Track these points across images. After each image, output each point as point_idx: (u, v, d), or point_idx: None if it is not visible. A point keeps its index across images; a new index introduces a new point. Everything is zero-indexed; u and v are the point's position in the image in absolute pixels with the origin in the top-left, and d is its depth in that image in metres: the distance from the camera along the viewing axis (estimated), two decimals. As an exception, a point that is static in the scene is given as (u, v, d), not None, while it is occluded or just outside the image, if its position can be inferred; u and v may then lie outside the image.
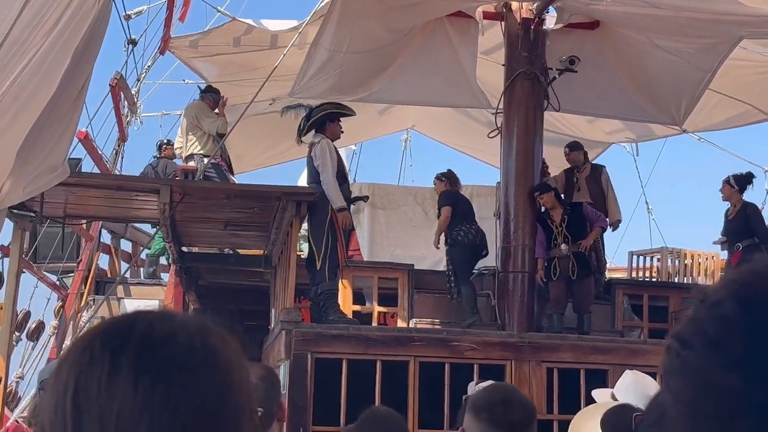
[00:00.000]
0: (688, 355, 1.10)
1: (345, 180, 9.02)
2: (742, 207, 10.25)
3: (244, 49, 11.70)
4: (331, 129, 8.96)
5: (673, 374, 1.16)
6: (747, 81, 11.98)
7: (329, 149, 8.66)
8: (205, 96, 11.22)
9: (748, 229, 10.05)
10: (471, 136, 14.63)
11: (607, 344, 8.39)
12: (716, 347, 1.07)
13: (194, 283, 11.27)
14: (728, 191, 10.30)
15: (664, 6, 8.99)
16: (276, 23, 11.78)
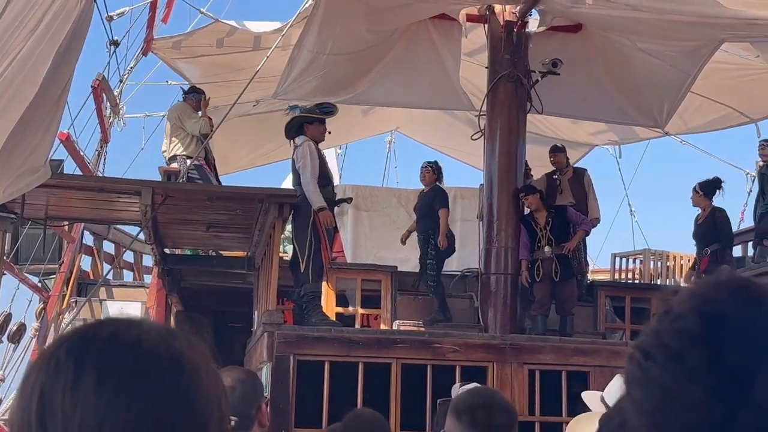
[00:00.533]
0: (651, 367, 1.14)
1: (328, 182, 9.01)
2: (711, 212, 10.34)
3: (228, 51, 11.68)
4: (311, 131, 8.97)
5: (635, 384, 1.17)
6: (728, 84, 12.06)
7: (310, 151, 8.68)
8: (188, 97, 11.18)
9: (715, 233, 10.14)
10: (454, 138, 14.65)
11: (589, 346, 8.43)
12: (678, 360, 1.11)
13: (177, 285, 11.24)
14: (696, 198, 10.45)
15: (647, 9, 9.03)
16: (259, 24, 11.77)
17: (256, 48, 11.62)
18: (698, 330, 1.11)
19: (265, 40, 11.53)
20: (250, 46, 11.63)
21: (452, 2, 10.38)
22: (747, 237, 11.91)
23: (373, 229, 13.97)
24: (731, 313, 1.12)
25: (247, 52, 11.67)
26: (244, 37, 11.61)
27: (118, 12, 9.42)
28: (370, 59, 10.93)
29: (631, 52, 10.66)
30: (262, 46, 11.58)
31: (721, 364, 1.10)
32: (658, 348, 1.14)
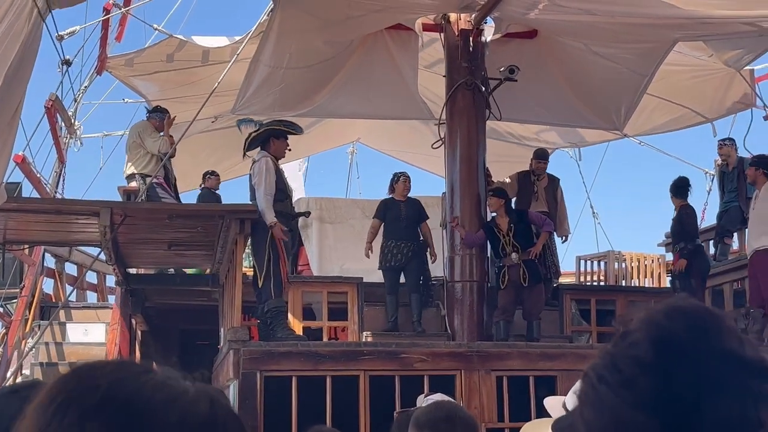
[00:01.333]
0: (603, 390, 1.17)
1: (286, 196, 8.91)
2: (680, 209, 10.50)
3: (178, 66, 11.59)
4: (275, 146, 8.87)
5: (587, 405, 1.19)
6: (683, 85, 12.19)
7: (266, 167, 8.57)
8: (151, 116, 11.08)
9: (685, 230, 10.29)
10: (416, 147, 14.66)
11: (555, 351, 8.44)
12: (629, 386, 1.14)
13: (141, 305, 11.12)
14: (672, 200, 10.62)
15: (600, 13, 9.10)
16: (208, 39, 11.69)
17: (205, 62, 11.54)
18: (650, 358, 1.15)
19: (214, 55, 11.48)
20: (199, 60, 11.55)
21: (407, 12, 10.39)
22: (708, 236, 12.02)
23: (338, 240, 13.91)
24: (683, 343, 1.15)
25: (197, 67, 11.60)
26: (194, 52, 11.53)
27: (69, 31, 9.31)
28: (328, 71, 10.91)
29: (586, 56, 10.74)
30: (211, 60, 11.52)
31: (671, 393, 1.12)
32: (611, 372, 1.17)
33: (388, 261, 10.46)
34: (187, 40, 11.38)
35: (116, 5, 10.56)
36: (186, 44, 11.35)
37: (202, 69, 11.60)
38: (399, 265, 10.42)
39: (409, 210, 10.71)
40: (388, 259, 10.46)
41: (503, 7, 9.64)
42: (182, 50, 11.38)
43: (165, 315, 11.83)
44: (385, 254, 10.51)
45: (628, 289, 12.20)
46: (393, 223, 10.66)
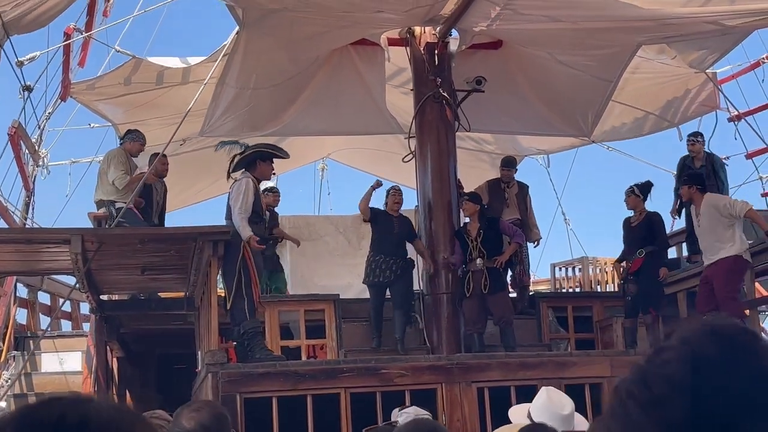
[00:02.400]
0: (631, 406, 1.15)
1: (260, 219, 8.81)
2: (646, 215, 10.38)
3: (135, 89, 11.50)
4: (261, 169, 8.78)
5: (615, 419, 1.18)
6: (649, 91, 12.31)
7: (246, 187, 8.48)
8: (124, 140, 10.94)
9: (651, 236, 10.22)
10: (387, 161, 14.67)
11: (535, 359, 8.44)
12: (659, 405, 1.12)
13: (116, 331, 11.00)
14: (634, 201, 10.38)
15: (562, 18, 9.16)
16: (162, 60, 11.61)
17: (159, 84, 11.46)
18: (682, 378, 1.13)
19: (168, 76, 11.40)
20: (153, 81, 11.47)
21: (372, 27, 10.42)
22: (680, 238, 12.06)
23: (313, 258, 13.87)
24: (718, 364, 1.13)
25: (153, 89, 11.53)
26: (148, 74, 11.44)
27: (29, 57, 9.18)
28: (295, 89, 10.91)
29: (551, 64, 10.82)
30: (165, 82, 11.44)
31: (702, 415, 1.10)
32: (641, 389, 1.16)
33: (376, 276, 10.13)
34: (142, 59, 11.30)
35: (77, 30, 10.46)
36: (141, 64, 11.26)
37: (157, 90, 11.52)
38: (386, 282, 10.11)
39: (402, 226, 10.41)
40: (377, 274, 10.12)
41: (466, 18, 9.69)
42: (138, 72, 11.29)
43: (141, 340, 11.71)
44: (372, 269, 10.17)
45: (605, 295, 12.25)
46: (383, 237, 10.31)
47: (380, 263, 10.15)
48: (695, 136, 11.54)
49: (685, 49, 11.21)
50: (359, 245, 14.04)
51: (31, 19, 7.57)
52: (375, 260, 10.20)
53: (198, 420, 2.89)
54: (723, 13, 8.47)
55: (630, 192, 10.38)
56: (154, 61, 11.41)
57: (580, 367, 8.28)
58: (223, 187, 14.48)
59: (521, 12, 9.01)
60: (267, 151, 8.92)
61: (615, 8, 8.51)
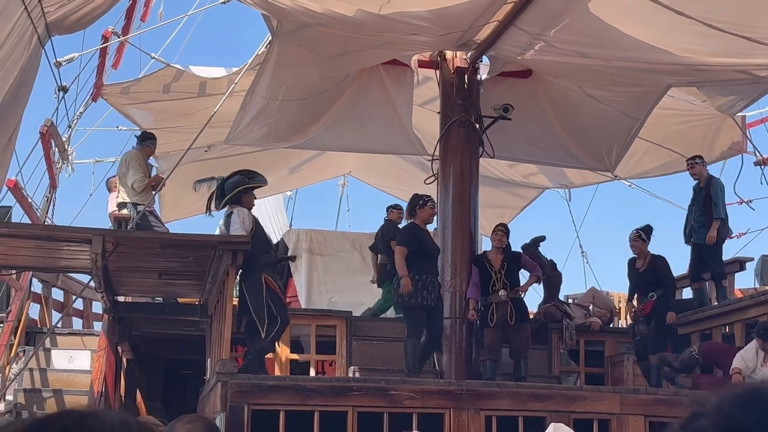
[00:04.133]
0: None
1: (270, 247, 8.95)
2: (652, 259, 10.44)
3: (174, 96, 11.62)
4: (246, 200, 8.98)
5: None
6: (675, 130, 12.29)
7: (246, 216, 8.74)
8: (143, 144, 11.05)
9: (658, 280, 10.28)
10: (408, 182, 14.68)
11: (545, 391, 8.40)
12: None
13: (127, 333, 11.04)
14: (641, 245, 10.50)
15: (594, 56, 9.18)
16: (206, 70, 11.73)
17: (201, 93, 11.57)
18: None
19: (211, 86, 11.50)
20: (195, 91, 11.58)
21: (404, 49, 10.46)
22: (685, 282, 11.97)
23: (327, 273, 13.88)
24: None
25: (193, 97, 11.62)
26: (190, 83, 11.56)
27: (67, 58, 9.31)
28: (323, 104, 10.96)
29: (579, 97, 10.83)
30: (207, 92, 11.55)
31: None
32: None
33: (423, 298, 9.34)
34: (185, 69, 11.41)
35: (115, 33, 10.59)
36: (183, 74, 11.38)
37: (198, 100, 11.61)
38: (431, 305, 9.43)
39: (435, 241, 10.01)
40: (424, 296, 9.34)
41: (499, 46, 9.71)
42: (179, 80, 11.41)
43: (151, 344, 11.75)
44: (419, 289, 9.33)
45: (617, 331, 12.19)
46: (426, 255, 9.58)
47: (427, 284, 9.42)
48: (694, 159, 11.45)
49: (715, 93, 11.21)
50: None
51: (74, 20, 7.66)
52: (422, 280, 9.38)
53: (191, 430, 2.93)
54: (753, 64, 8.48)
55: (637, 236, 10.48)
56: (196, 72, 11.52)
57: (590, 402, 8.24)
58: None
59: (553, 44, 9.03)
60: (249, 186, 9.02)
61: (646, 51, 8.52)
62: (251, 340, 8.66)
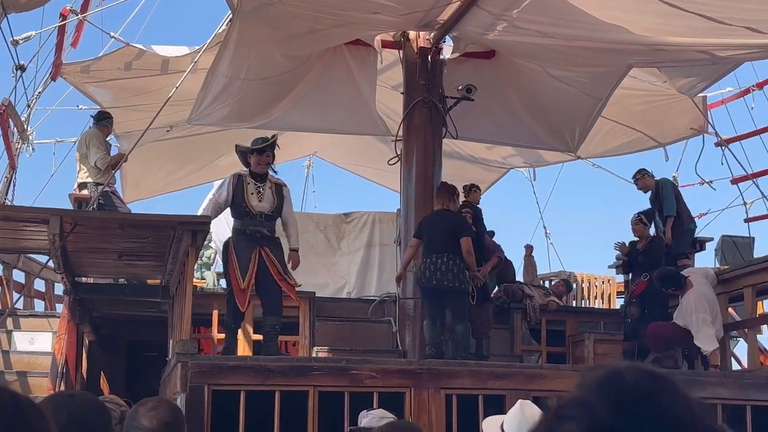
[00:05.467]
0: None
1: (246, 214, 8.67)
2: (651, 240, 10.55)
3: (136, 74, 11.50)
4: (252, 163, 8.75)
5: None
6: (637, 109, 12.36)
7: (222, 184, 8.69)
8: (99, 123, 10.94)
9: (653, 260, 10.35)
10: (373, 162, 14.69)
11: (505, 370, 8.44)
12: None
13: (89, 314, 10.95)
14: (642, 229, 10.61)
15: (556, 36, 9.20)
16: (168, 48, 11.61)
17: (164, 71, 11.46)
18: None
19: (174, 64, 11.39)
20: (158, 69, 11.46)
21: (367, 29, 10.42)
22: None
23: (291, 254, 13.83)
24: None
25: (155, 75, 11.50)
26: (153, 61, 11.44)
27: (24, 36, 9.17)
28: (286, 84, 10.89)
29: (542, 78, 10.85)
30: (170, 69, 11.44)
31: None
32: None
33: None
34: (147, 49, 11.29)
35: (73, 11, 10.44)
36: (145, 53, 11.26)
37: (160, 78, 11.50)
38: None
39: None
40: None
41: (462, 26, 9.70)
42: (141, 59, 11.28)
43: (113, 325, 11.66)
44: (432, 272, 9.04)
45: (579, 310, 12.30)
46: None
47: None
48: (634, 176, 11.62)
49: (675, 74, 11.28)
50: (338, 245, 14.05)
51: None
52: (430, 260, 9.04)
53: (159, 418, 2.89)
54: (714, 44, 8.53)
55: (638, 221, 10.60)
56: (158, 51, 11.39)
57: (550, 380, 8.29)
58: (206, 175, 14.50)
59: (516, 25, 9.04)
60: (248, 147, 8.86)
61: (608, 31, 8.55)
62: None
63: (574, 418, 1.16)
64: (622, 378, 1.17)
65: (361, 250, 13.93)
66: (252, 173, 8.72)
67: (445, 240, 8.93)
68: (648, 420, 1.13)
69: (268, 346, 8.67)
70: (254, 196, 8.66)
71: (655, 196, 11.41)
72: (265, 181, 8.75)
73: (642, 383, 1.17)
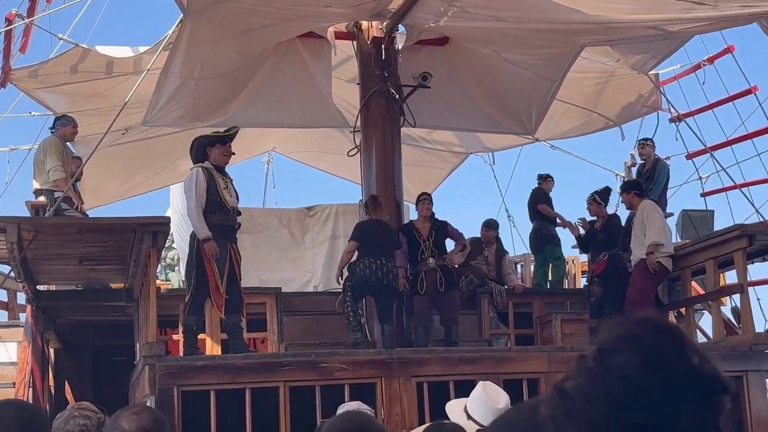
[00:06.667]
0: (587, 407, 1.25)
1: (220, 208, 8.49)
2: (608, 219, 10.68)
3: (83, 78, 11.30)
4: (213, 155, 8.60)
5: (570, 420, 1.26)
6: (591, 90, 12.46)
7: (196, 178, 8.31)
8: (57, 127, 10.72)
9: (611, 238, 10.47)
10: (332, 155, 14.65)
11: (474, 354, 8.49)
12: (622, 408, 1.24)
13: (53, 321, 10.83)
14: (596, 208, 10.74)
15: (508, 19, 9.23)
16: (111, 49, 11.42)
17: (108, 74, 11.29)
18: (640, 378, 1.27)
19: (118, 65, 11.25)
20: (102, 71, 11.29)
21: (318, 21, 10.38)
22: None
23: (255, 250, 13.75)
24: (669, 361, 1.28)
25: (101, 78, 11.34)
26: (97, 63, 11.24)
27: (-32, 43, 9.00)
28: (240, 80, 10.83)
29: (496, 62, 10.89)
30: (114, 71, 11.29)
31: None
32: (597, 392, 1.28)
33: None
34: (90, 49, 11.11)
35: (19, 16, 10.28)
36: (89, 54, 11.07)
37: (107, 81, 11.36)
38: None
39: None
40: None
41: (413, 14, 9.70)
42: (86, 60, 11.10)
43: (78, 331, 11.55)
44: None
45: (545, 291, 12.37)
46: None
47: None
48: (646, 141, 11.87)
49: (628, 52, 11.37)
50: (302, 239, 14.01)
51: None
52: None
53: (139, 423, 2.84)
54: (664, 19, 8.61)
55: (592, 200, 10.73)
56: (102, 51, 11.21)
57: (518, 363, 8.36)
58: (165, 178, 14.37)
59: (467, 10, 9.05)
60: (209, 135, 8.79)
61: (558, 12, 8.60)
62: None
63: (625, 351, 1.28)
64: (655, 319, 1.34)
65: (326, 243, 13.90)
66: (216, 167, 8.58)
67: (386, 246, 9.66)
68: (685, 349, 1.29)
69: (235, 343, 8.61)
70: (226, 191, 8.57)
71: (650, 172, 11.61)
72: (226, 175, 8.68)
73: (669, 325, 1.35)
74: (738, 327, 10.56)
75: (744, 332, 9.46)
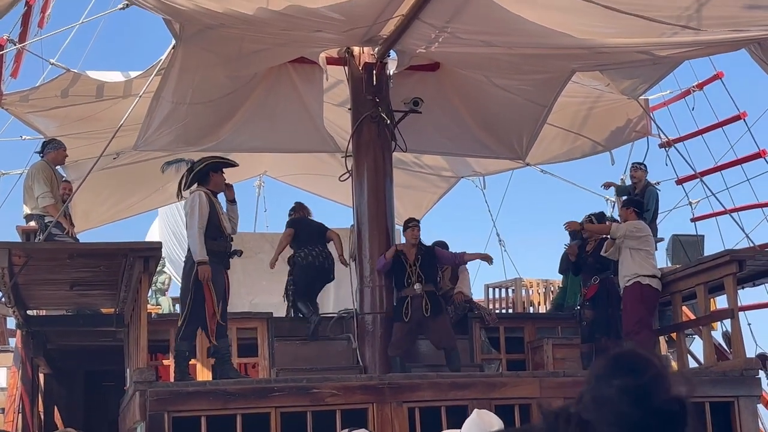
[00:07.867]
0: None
1: (219, 235, 8.64)
2: (599, 242, 10.63)
3: (74, 101, 11.34)
4: (214, 180, 8.72)
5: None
6: (582, 115, 12.53)
7: (199, 202, 8.44)
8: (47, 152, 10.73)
9: (605, 262, 10.43)
10: (324, 179, 14.66)
11: (465, 380, 8.47)
12: None
13: (42, 347, 10.77)
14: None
15: (499, 44, 9.29)
16: (101, 74, 11.47)
17: (99, 97, 11.33)
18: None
19: (108, 89, 11.28)
20: (93, 95, 11.33)
21: (310, 46, 10.42)
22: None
23: (247, 275, 13.75)
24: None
25: (92, 102, 11.37)
26: (88, 87, 11.28)
27: (-40, 67, 9.00)
28: (232, 105, 10.85)
29: (487, 87, 10.95)
30: (105, 95, 11.32)
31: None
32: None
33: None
34: (81, 73, 11.15)
35: (11, 41, 10.30)
36: (80, 78, 11.11)
37: (97, 104, 11.38)
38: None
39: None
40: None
41: (405, 40, 9.75)
42: (76, 85, 11.14)
43: (68, 357, 11.48)
44: None
45: (536, 316, 12.37)
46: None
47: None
48: (639, 164, 11.96)
49: (618, 77, 11.45)
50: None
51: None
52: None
53: None
54: (654, 44, 8.68)
55: (588, 222, 10.68)
56: (93, 75, 11.25)
57: (510, 388, 8.34)
58: (155, 202, 14.37)
59: (458, 36, 9.11)
60: (218, 161, 8.90)
61: (549, 36, 8.66)
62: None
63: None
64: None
65: (317, 267, 13.85)
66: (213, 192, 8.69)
67: (316, 237, 11.14)
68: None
69: (225, 368, 8.58)
70: (224, 217, 8.68)
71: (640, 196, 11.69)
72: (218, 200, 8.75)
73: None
74: (729, 352, 10.57)
75: (735, 357, 9.46)
